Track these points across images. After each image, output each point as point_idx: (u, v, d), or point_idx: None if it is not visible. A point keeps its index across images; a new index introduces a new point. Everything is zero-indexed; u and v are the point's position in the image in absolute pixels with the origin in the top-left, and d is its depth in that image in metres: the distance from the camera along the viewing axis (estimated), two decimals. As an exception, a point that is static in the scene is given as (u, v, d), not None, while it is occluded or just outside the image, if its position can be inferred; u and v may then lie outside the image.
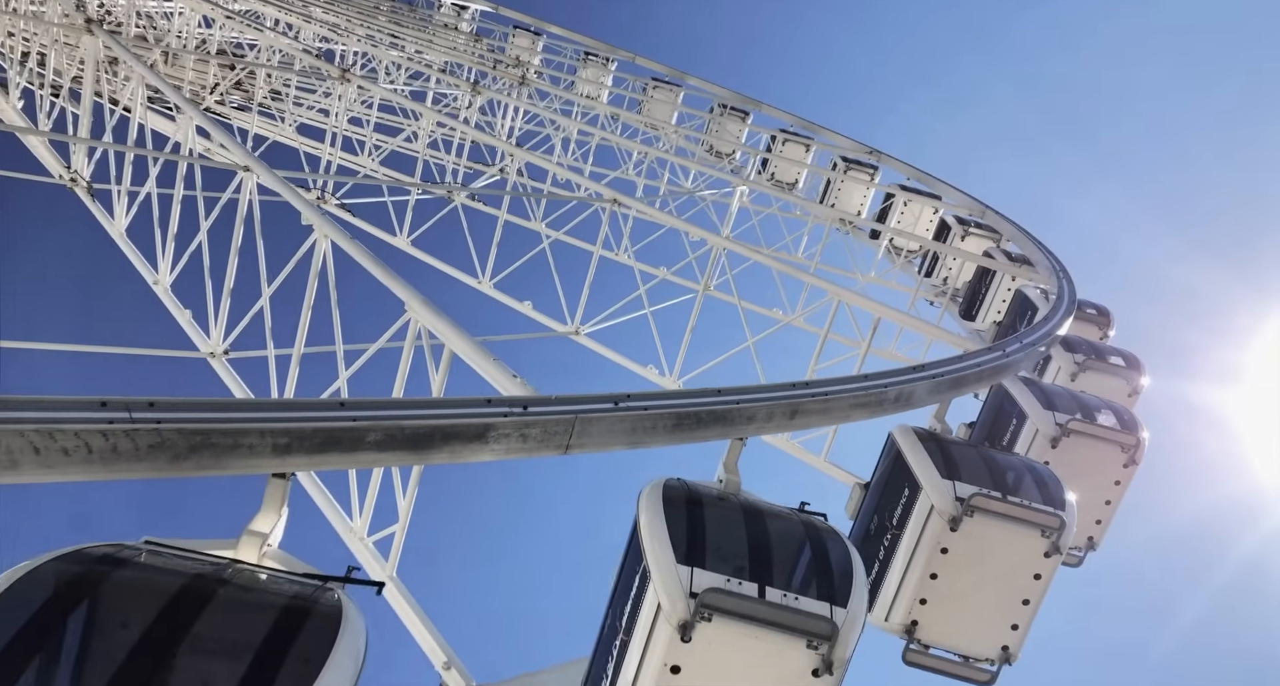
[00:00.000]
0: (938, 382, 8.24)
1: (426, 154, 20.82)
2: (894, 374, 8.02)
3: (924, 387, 8.09)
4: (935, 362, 8.55)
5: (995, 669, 8.06)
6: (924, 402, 8.33)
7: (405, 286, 8.53)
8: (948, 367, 8.54)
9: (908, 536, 7.99)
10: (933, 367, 8.40)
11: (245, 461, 5.10)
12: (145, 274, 13.39)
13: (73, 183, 15.63)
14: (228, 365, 11.70)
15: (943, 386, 8.40)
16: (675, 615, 5.80)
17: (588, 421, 5.94)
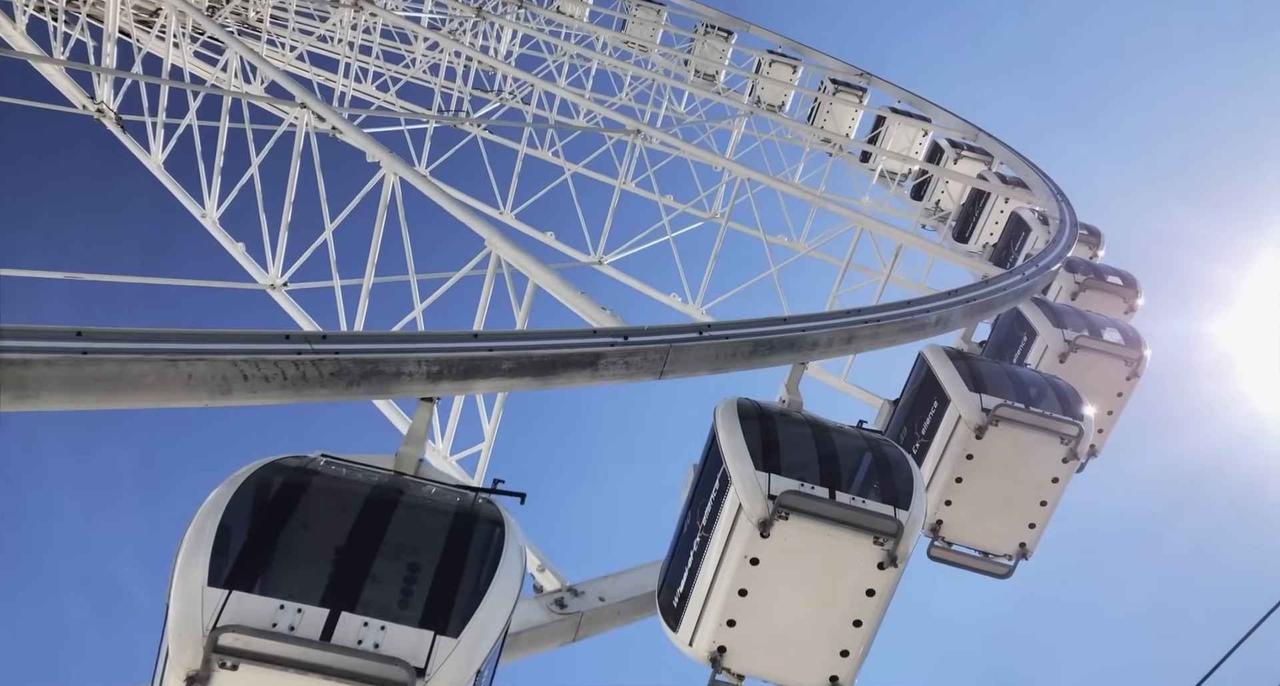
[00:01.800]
0: (970, 307, 9.19)
1: (436, 83, 20.97)
2: (933, 299, 8.94)
3: (959, 312, 9.02)
4: (967, 288, 9.47)
5: (1013, 563, 9.23)
6: (958, 325, 9.29)
7: (484, 223, 9.19)
8: (979, 292, 9.47)
9: (935, 445, 9.01)
10: (965, 293, 9.32)
11: (404, 387, 5.93)
12: (191, 208, 13.84)
13: (99, 114, 15.84)
14: (289, 296, 12.35)
15: (974, 310, 9.35)
16: (755, 514, 6.72)
17: (680, 350, 6.79)
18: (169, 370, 5.03)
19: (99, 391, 4.87)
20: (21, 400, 4.67)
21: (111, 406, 5.00)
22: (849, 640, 6.98)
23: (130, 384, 4.94)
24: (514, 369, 6.25)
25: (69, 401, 4.83)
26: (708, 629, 7.14)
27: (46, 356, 4.62)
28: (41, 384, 4.67)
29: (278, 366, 5.36)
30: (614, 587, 8.65)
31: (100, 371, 4.82)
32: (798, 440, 7.20)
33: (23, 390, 4.64)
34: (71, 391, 4.78)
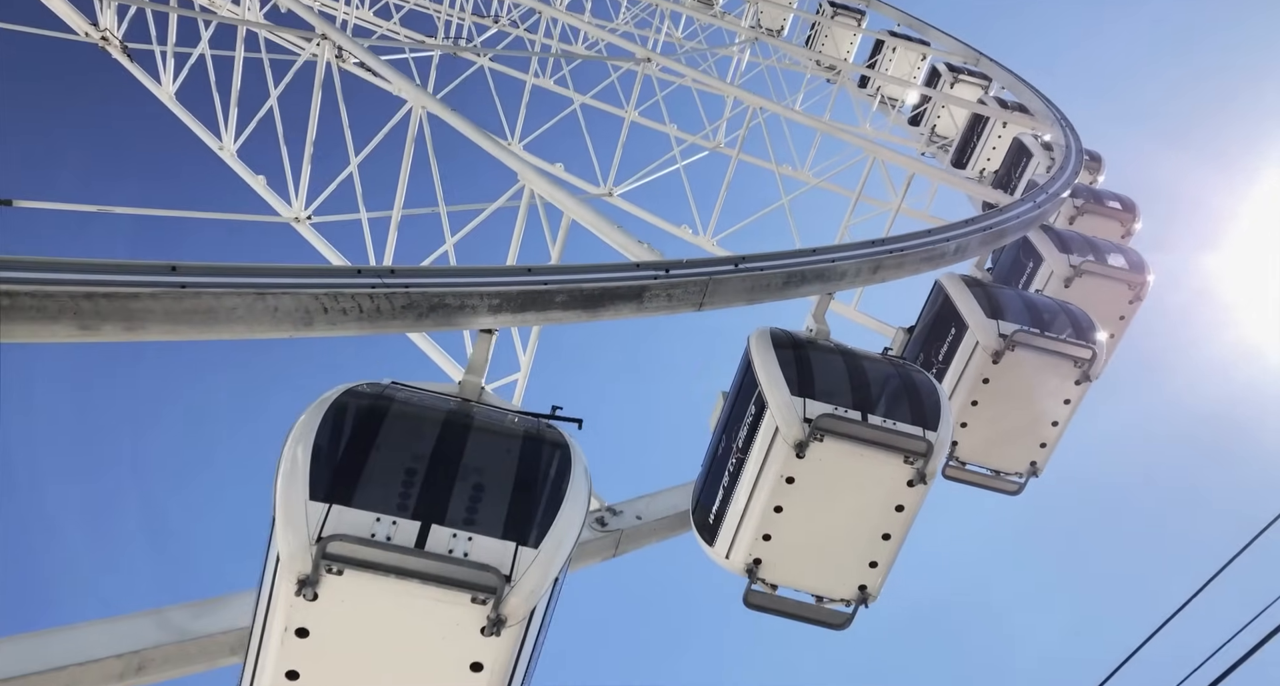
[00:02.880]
0: (987, 235, 9.54)
1: (437, 10, 20.64)
2: (953, 228, 9.26)
3: (977, 240, 9.37)
4: (984, 216, 9.80)
5: (1023, 481, 9.82)
6: (975, 254, 9.64)
7: (516, 157, 9.38)
8: (995, 220, 9.82)
9: (952, 370, 9.47)
10: (982, 221, 9.65)
11: (468, 319, 6.27)
12: (208, 140, 13.85)
13: (104, 42, 15.61)
14: (314, 230, 12.53)
15: (991, 238, 9.70)
16: (792, 437, 7.16)
17: (719, 282, 7.13)
18: (258, 303, 5.35)
19: (196, 323, 5.20)
20: (129, 331, 4.99)
21: (206, 338, 5.33)
22: (877, 552, 7.52)
23: (224, 316, 5.26)
24: (566, 301, 6.59)
25: (169, 333, 5.15)
26: (744, 543, 7.65)
27: (151, 290, 4.93)
28: (147, 316, 4.99)
29: (354, 299, 5.68)
30: (650, 507, 9.16)
31: (198, 304, 5.14)
32: (829, 366, 7.62)
33: (130, 322, 4.97)
34: (172, 323, 5.11)
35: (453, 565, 5.03)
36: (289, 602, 4.94)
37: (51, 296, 4.62)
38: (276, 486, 5.13)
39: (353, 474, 5.32)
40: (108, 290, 4.78)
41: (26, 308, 4.56)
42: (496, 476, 5.65)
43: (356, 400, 5.65)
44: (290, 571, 4.89)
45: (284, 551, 4.91)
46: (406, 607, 5.05)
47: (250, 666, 5.33)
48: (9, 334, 4.61)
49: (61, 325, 4.75)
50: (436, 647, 5.17)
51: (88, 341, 4.95)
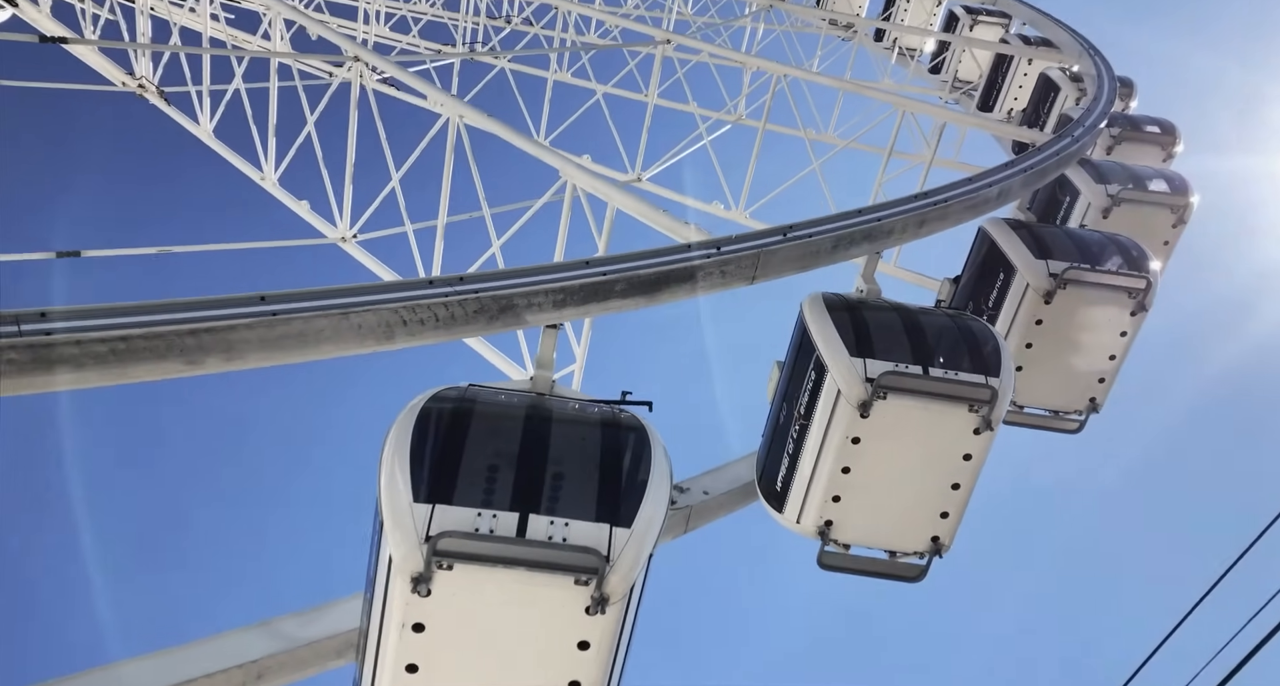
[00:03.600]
0: (1029, 176, 9.52)
1: (453, 18, 20.91)
2: (993, 173, 9.26)
3: (1019, 182, 9.36)
4: (1023, 157, 9.78)
5: (1083, 418, 9.84)
6: (1017, 196, 9.64)
7: (556, 153, 9.62)
8: (1035, 160, 9.78)
9: (1004, 315, 9.50)
10: (1022, 162, 9.63)
11: (536, 316, 6.54)
12: (250, 172, 14.33)
13: (141, 89, 16.19)
14: (360, 247, 12.94)
15: (1033, 179, 9.67)
16: (855, 397, 7.32)
17: (769, 253, 7.31)
18: (343, 322, 5.68)
19: (289, 348, 5.55)
20: (229, 361, 5.36)
21: (298, 360, 5.68)
22: (948, 503, 7.66)
23: (313, 338, 5.61)
24: (625, 290, 6.82)
25: (265, 359, 5.51)
26: (813, 506, 7.81)
27: (247, 321, 5.28)
28: (245, 346, 5.34)
29: (430, 309, 5.99)
30: (715, 481, 9.36)
31: (289, 329, 5.48)
32: (885, 324, 7.75)
33: (230, 352, 5.33)
34: (268, 350, 5.46)
35: (555, 550, 5.30)
36: (404, 600, 5.24)
37: (160, 336, 4.99)
38: (380, 493, 5.44)
39: (450, 474, 5.62)
40: (208, 325, 5.14)
41: (140, 349, 4.94)
42: (582, 463, 5.92)
43: (441, 404, 5.94)
44: (404, 571, 5.19)
45: (396, 552, 5.21)
46: (514, 594, 5.34)
47: (369, 664, 5.65)
48: (127, 375, 5.00)
49: (170, 362, 5.12)
50: (545, 630, 5.46)
51: (193, 375, 5.33)
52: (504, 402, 6.22)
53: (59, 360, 4.65)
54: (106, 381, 4.95)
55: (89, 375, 4.82)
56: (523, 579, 5.27)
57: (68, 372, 4.73)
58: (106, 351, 4.80)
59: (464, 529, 5.26)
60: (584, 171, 9.24)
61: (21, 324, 4.57)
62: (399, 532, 5.21)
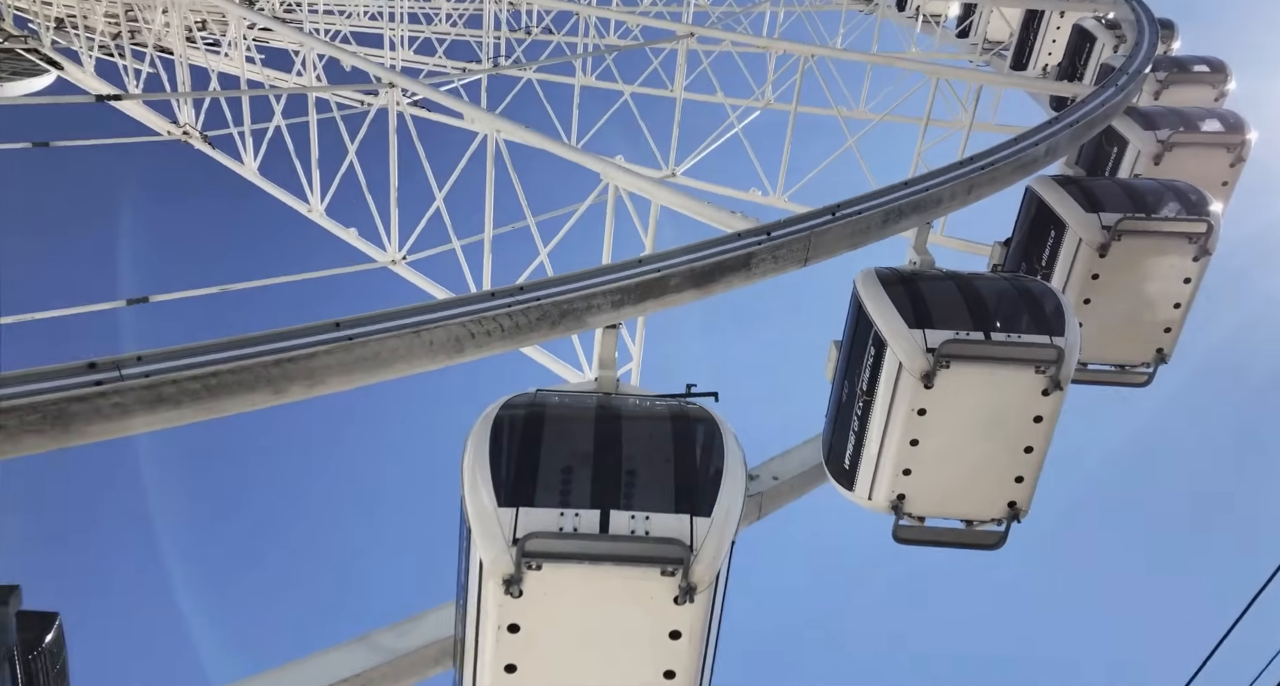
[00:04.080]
0: (1075, 130, 9.35)
1: (480, 35, 21.20)
2: (1038, 131, 9.10)
3: (1065, 138, 9.20)
4: (1068, 111, 9.58)
5: (1151, 370, 9.65)
6: (1064, 152, 9.47)
7: (595, 157, 9.74)
8: (1081, 113, 9.59)
9: (1058, 273, 9.35)
10: (1069, 117, 9.45)
11: (595, 318, 6.67)
12: (296, 205, 14.75)
13: (186, 136, 16.78)
14: (410, 268, 13.24)
15: (1079, 133, 9.50)
16: (917, 369, 7.31)
17: (820, 234, 7.34)
18: (415, 340, 5.88)
19: (367, 369, 5.76)
20: (311, 388, 5.59)
21: (375, 381, 5.89)
22: (1022, 466, 7.60)
23: (388, 358, 5.81)
24: (680, 284, 6.92)
25: (345, 382, 5.73)
26: (884, 481, 7.80)
27: (326, 347, 5.50)
28: (326, 372, 5.57)
29: (496, 320, 6.16)
30: (783, 466, 9.40)
31: (365, 352, 5.69)
32: (942, 293, 7.72)
33: (312, 379, 5.56)
34: (347, 373, 5.68)
35: (638, 543, 5.41)
36: (498, 602, 5.40)
37: (248, 369, 5.23)
38: (465, 500, 5.62)
39: (529, 477, 5.77)
40: (291, 354, 5.37)
41: (230, 383, 5.19)
42: (656, 457, 6.02)
43: (513, 411, 6.09)
44: (495, 574, 5.34)
45: (486, 557, 5.37)
46: (603, 589, 5.45)
47: (468, 668, 5.82)
48: (220, 409, 5.26)
49: (259, 393, 5.37)
50: (636, 622, 5.57)
51: (279, 403, 5.57)
52: (573, 404, 6.36)
53: (159, 400, 4.91)
54: (202, 417, 5.20)
55: (186, 412, 5.07)
56: (610, 573, 5.38)
57: (168, 411, 4.99)
58: (200, 388, 5.05)
59: (549, 529, 5.40)
60: (624, 172, 9.35)
61: (122, 369, 4.83)
62: (487, 538, 5.37)
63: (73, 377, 4.66)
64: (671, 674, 5.66)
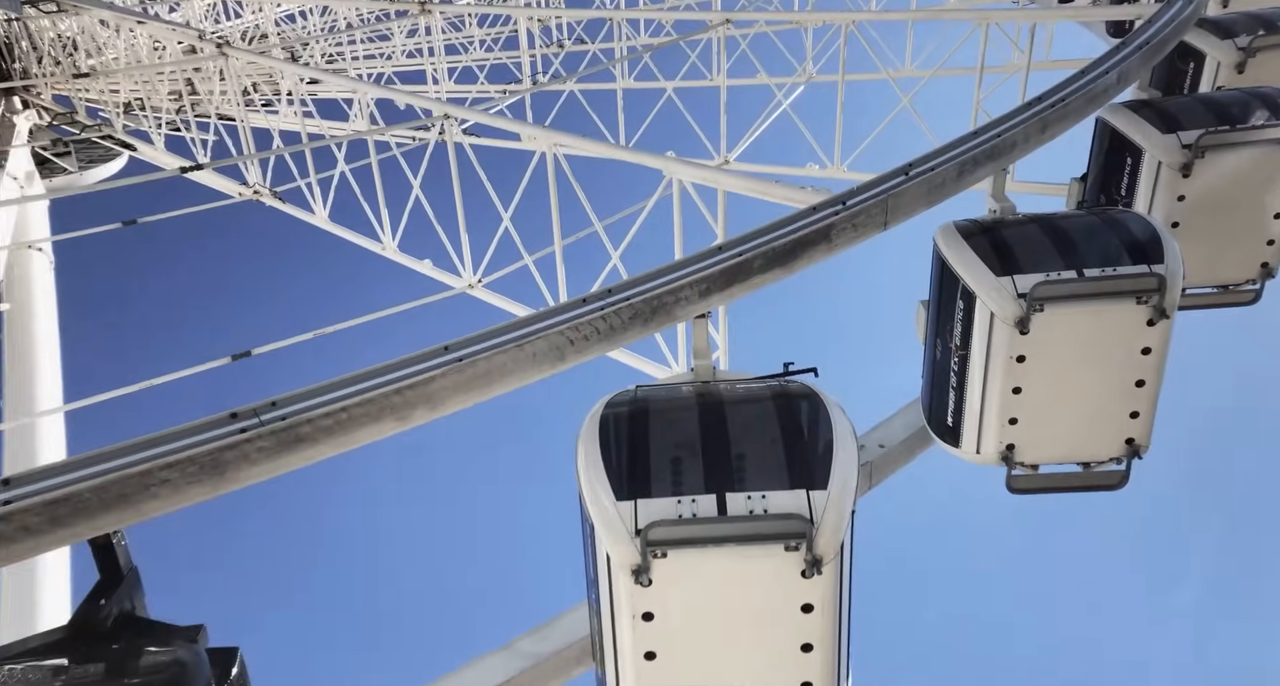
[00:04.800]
0: (1147, 51, 8.98)
1: (506, 57, 21.58)
2: (1107, 58, 8.74)
3: (1136, 61, 8.84)
4: (1137, 33, 9.18)
5: (1258, 286, 9.23)
6: (1136, 76, 9.09)
7: (654, 155, 9.88)
8: (1150, 33, 9.17)
9: (1139, 200, 9.02)
10: (1137, 38, 9.06)
11: (685, 310, 6.78)
12: (370, 245, 15.29)
13: (256, 195, 17.53)
14: (488, 290, 13.60)
15: (1150, 54, 9.10)
16: (1010, 316, 7.19)
17: (897, 195, 7.30)
18: (519, 354, 6.09)
19: (479, 387, 6.00)
20: (432, 411, 5.85)
21: (489, 397, 6.12)
22: (1136, 401, 7.40)
23: (498, 373, 6.04)
24: (763, 265, 6.98)
25: (462, 402, 5.98)
26: (990, 434, 7.69)
27: (441, 370, 5.76)
28: (443, 394, 5.82)
29: (592, 325, 6.33)
30: (887, 434, 9.34)
31: (476, 371, 5.93)
32: (1026, 237, 7.59)
33: (432, 403, 5.82)
34: (463, 393, 5.92)
35: (758, 522, 5.49)
36: (630, 593, 5.53)
37: (373, 401, 5.52)
38: (584, 499, 5.77)
39: (643, 469, 5.89)
40: (410, 381, 5.64)
41: (359, 416, 5.48)
42: (764, 437, 6.11)
43: (617, 409, 6.23)
44: (623, 566, 5.48)
45: (612, 550, 5.51)
46: (729, 570, 5.55)
47: (609, 661, 5.93)
48: (352, 442, 5.56)
49: (385, 423, 5.65)
50: (767, 599, 5.64)
51: (404, 429, 5.85)
52: (675, 396, 6.49)
53: (298, 440, 5.23)
54: (336, 451, 5.50)
55: (322, 448, 5.38)
56: (734, 554, 5.47)
57: (306, 449, 5.30)
58: (332, 424, 5.36)
59: (668, 517, 5.51)
60: (686, 165, 9.45)
61: (260, 415, 5.16)
62: (610, 532, 5.51)
63: (220, 428, 5.00)
64: (809, 647, 5.71)
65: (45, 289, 19.45)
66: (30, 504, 4.31)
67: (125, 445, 4.72)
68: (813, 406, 6.28)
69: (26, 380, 17.89)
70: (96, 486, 4.46)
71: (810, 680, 5.73)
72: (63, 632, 4.60)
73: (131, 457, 4.66)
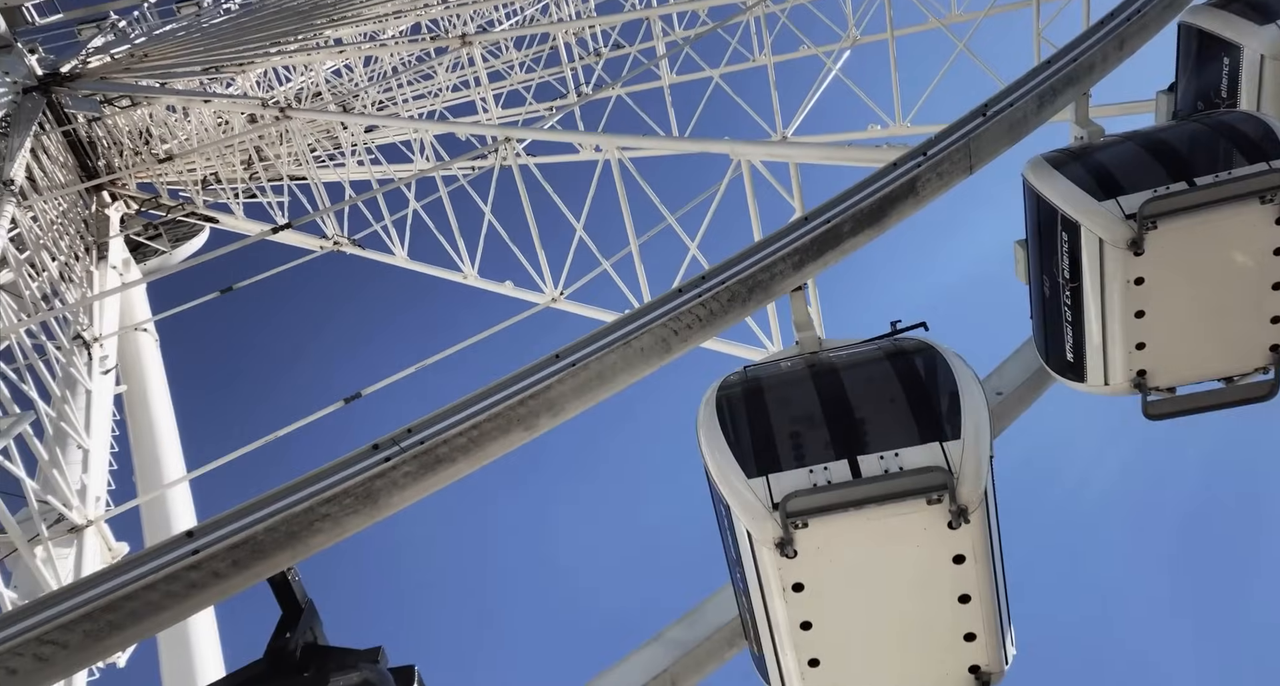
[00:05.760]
0: (1222, -58, 8.56)
1: (549, 76, 21.88)
2: None
3: (1212, -44, 8.46)
4: None
5: None
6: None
7: (719, 141, 9.89)
8: None
9: (1244, 100, 8.50)
10: None
11: (780, 285, 6.76)
12: (452, 276, 15.72)
13: (337, 246, 18.24)
14: (571, 301, 13.80)
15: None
16: (1121, 240, 6.88)
17: (977, 138, 7.13)
18: (628, 351, 6.18)
19: (594, 389, 6.11)
20: (555, 417, 5.99)
21: (604, 397, 6.23)
22: (1275, 305, 6.98)
23: (610, 373, 6.14)
24: (852, 228, 6.91)
25: (580, 405, 6.10)
26: (1118, 363, 7.36)
27: (558, 378, 5.89)
28: (563, 399, 5.95)
29: (692, 313, 6.38)
30: (1002, 380, 9.06)
31: (589, 373, 6.04)
32: (1123, 157, 7.28)
33: (554, 409, 5.95)
34: (581, 396, 6.04)
35: (896, 479, 5.42)
36: (776, 566, 5.51)
37: (500, 415, 5.69)
38: (715, 482, 5.76)
39: (769, 444, 5.85)
40: (531, 391, 5.79)
41: (489, 431, 5.66)
42: (886, 396, 6.02)
43: (731, 390, 6.19)
44: (765, 541, 5.46)
45: (753, 527, 5.50)
46: (874, 531, 5.48)
47: (765, 637, 5.90)
48: (486, 456, 5.74)
49: (514, 434, 5.81)
50: (918, 555, 5.55)
51: (532, 438, 5.99)
52: (787, 370, 6.46)
53: (437, 461, 5.43)
54: (472, 467, 5.68)
55: (461, 466, 5.57)
56: (877, 514, 5.42)
57: (445, 469, 5.50)
58: (466, 442, 5.54)
59: (803, 487, 5.48)
60: (753, 145, 9.41)
61: (399, 442, 5.38)
62: (747, 510, 5.50)
63: (366, 460, 5.24)
64: (966, 598, 5.61)
65: (155, 366, 20.57)
66: (216, 550, 4.61)
67: (286, 487, 4.99)
68: (930, 359, 6.17)
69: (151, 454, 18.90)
70: (268, 527, 4.73)
71: (973, 631, 5.62)
72: (260, 667, 4.91)
73: (294, 497, 4.93)
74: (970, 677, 5.72)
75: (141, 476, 18.79)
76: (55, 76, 20.14)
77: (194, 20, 27.76)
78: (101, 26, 26.99)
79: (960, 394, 5.84)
